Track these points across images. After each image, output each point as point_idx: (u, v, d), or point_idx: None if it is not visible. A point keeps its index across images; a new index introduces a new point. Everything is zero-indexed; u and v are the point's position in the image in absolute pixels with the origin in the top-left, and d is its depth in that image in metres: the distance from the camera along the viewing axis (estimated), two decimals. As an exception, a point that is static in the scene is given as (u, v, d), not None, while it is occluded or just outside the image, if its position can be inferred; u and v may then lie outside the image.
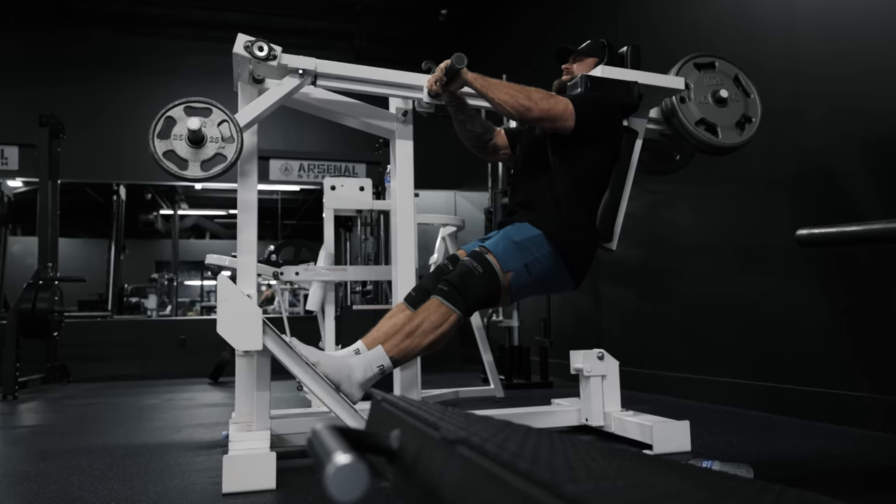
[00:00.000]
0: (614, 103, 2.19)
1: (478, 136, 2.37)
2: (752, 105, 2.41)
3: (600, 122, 2.12)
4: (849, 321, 2.56)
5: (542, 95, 2.06)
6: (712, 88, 2.37)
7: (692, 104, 2.34)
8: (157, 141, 1.82)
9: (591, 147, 2.12)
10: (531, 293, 2.15)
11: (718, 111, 2.36)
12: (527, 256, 1.99)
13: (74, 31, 6.91)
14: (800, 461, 2.00)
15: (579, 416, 2.48)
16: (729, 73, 2.43)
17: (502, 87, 2.08)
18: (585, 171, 2.11)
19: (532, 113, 2.02)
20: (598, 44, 2.39)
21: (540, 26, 5.53)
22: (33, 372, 4.85)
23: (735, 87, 2.41)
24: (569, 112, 2.05)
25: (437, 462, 0.51)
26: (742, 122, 2.39)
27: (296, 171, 6.21)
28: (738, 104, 2.39)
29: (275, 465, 1.76)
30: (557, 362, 4.37)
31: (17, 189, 6.87)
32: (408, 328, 1.86)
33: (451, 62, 2.04)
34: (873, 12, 2.47)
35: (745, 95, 2.41)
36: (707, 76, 2.39)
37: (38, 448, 2.46)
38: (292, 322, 3.59)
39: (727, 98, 2.36)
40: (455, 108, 2.25)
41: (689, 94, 2.35)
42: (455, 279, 1.91)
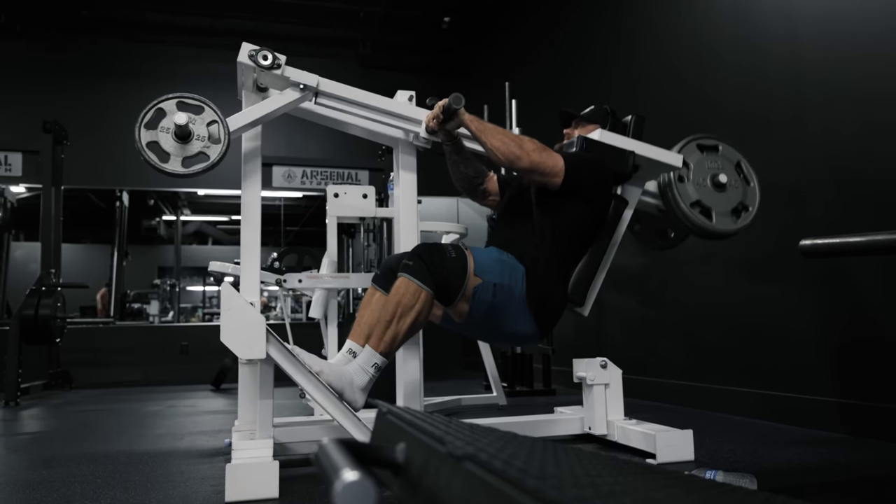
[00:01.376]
0: (607, 168, 2.16)
1: (469, 178, 2.33)
2: (751, 194, 2.37)
3: (589, 184, 2.09)
4: (851, 330, 2.55)
5: (535, 147, 2.02)
6: (712, 172, 2.35)
7: (690, 184, 2.32)
8: (143, 130, 1.83)
9: (576, 206, 2.08)
10: (487, 321, 1.98)
11: (715, 195, 2.33)
12: (501, 277, 1.95)
13: (78, 37, 6.95)
14: (803, 470, 1.99)
15: (582, 425, 2.48)
16: (731, 158, 2.40)
17: (497, 132, 2.04)
18: (566, 230, 2.08)
19: (521, 162, 1.99)
20: (602, 110, 2.37)
21: (542, 34, 5.55)
22: (35, 378, 4.85)
23: (736, 174, 2.38)
24: (558, 168, 2.02)
25: (444, 477, 0.51)
26: (738, 209, 2.35)
27: (299, 178, 6.22)
28: (737, 191, 2.36)
29: (278, 473, 1.76)
30: (560, 370, 4.36)
31: (20, 195, 6.89)
32: (385, 318, 1.84)
33: (448, 101, 2.03)
34: (873, 22, 2.48)
35: (745, 183, 2.38)
36: (709, 158, 2.37)
37: (40, 455, 2.46)
38: (294, 329, 3.59)
39: (726, 184, 2.33)
40: (451, 147, 2.23)
41: (689, 173, 2.32)
42: (422, 250, 1.88)
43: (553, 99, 5.15)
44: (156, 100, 1.86)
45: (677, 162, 2.26)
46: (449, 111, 2.05)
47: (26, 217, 6.74)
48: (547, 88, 5.25)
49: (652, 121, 3.85)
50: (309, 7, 6.71)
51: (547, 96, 5.22)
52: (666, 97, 3.72)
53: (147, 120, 1.84)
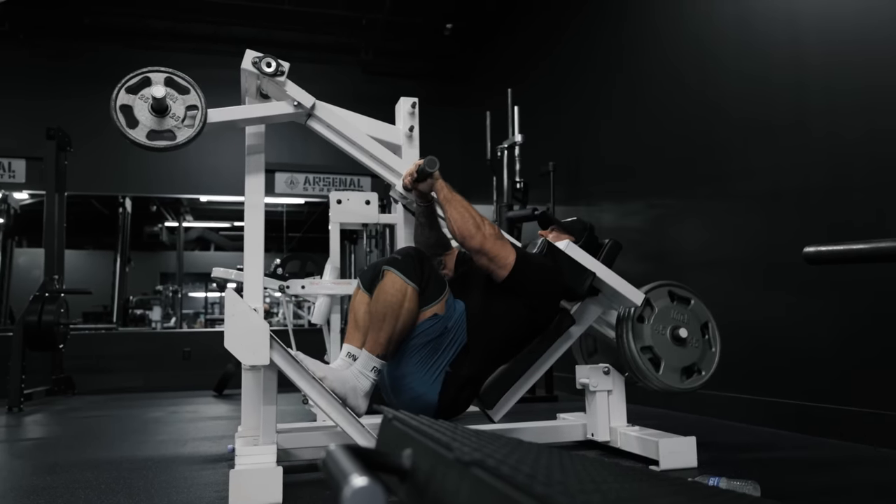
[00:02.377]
0: (558, 280, 2.09)
1: (430, 245, 2.26)
2: (709, 359, 2.25)
3: (532, 290, 2.03)
4: (856, 337, 2.55)
5: (494, 233, 1.98)
6: (675, 323, 2.23)
7: (647, 327, 2.20)
8: (122, 92, 1.84)
9: (514, 305, 2.01)
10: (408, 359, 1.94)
11: (671, 348, 2.21)
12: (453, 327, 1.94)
13: (81, 44, 6.98)
14: (807, 478, 1.99)
15: (585, 431, 2.47)
16: (701, 316, 2.29)
17: (461, 206, 2.00)
18: (500, 325, 2.01)
19: (473, 241, 1.94)
20: (581, 224, 2.34)
21: (544, 40, 5.57)
22: (39, 384, 4.86)
23: (699, 333, 2.26)
24: (507, 260, 1.96)
25: (451, 482, 0.51)
26: (691, 369, 2.22)
27: (301, 184, 6.24)
28: (695, 350, 2.23)
29: (281, 479, 1.76)
30: (562, 376, 4.35)
31: (23, 201, 6.91)
32: (376, 318, 1.85)
33: (423, 164, 2.01)
34: (877, 27, 2.49)
35: (707, 346, 2.26)
36: (677, 309, 2.26)
37: (44, 461, 2.46)
38: (296, 335, 3.59)
39: (686, 339, 2.21)
40: (422, 209, 2.18)
41: (651, 316, 2.21)
42: (412, 250, 1.90)
43: (555, 105, 5.16)
44: (147, 68, 1.87)
45: (637, 300, 2.16)
46: (423, 173, 2.03)
47: (30, 223, 6.77)
48: (549, 94, 5.26)
49: (655, 126, 3.87)
50: (311, 14, 6.73)
51: (549, 102, 5.23)
52: (669, 102, 3.73)
53: (131, 84, 1.85)
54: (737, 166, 3.18)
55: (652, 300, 2.24)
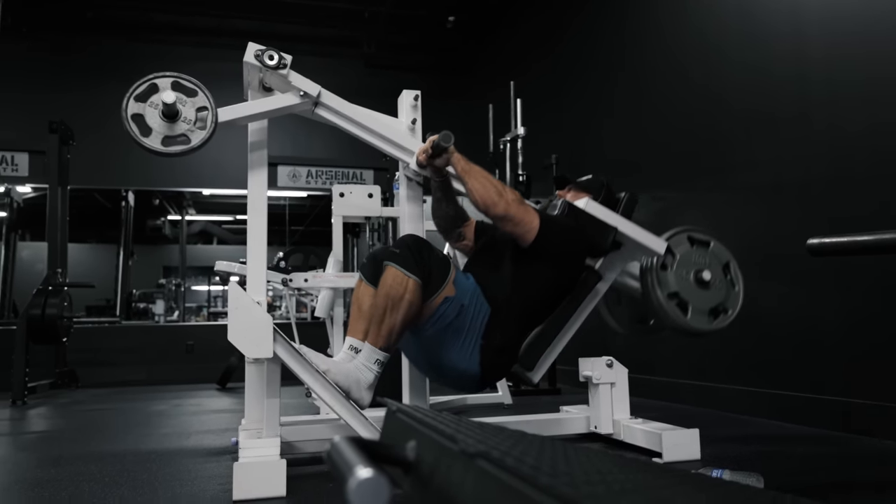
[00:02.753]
0: (582, 238, 2.10)
1: (450, 218, 2.28)
2: (734, 297, 2.29)
3: (560, 251, 2.04)
4: (860, 329, 2.55)
5: (515, 198, 1.99)
6: (697, 267, 2.26)
7: (672, 274, 2.23)
8: (132, 101, 1.83)
9: (543, 268, 2.02)
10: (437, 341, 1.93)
11: (696, 291, 2.24)
12: (470, 302, 1.93)
13: (84, 38, 6.97)
14: (810, 470, 1.99)
15: (588, 424, 2.48)
16: (721, 257, 2.31)
17: (481, 175, 2.02)
18: (530, 289, 2.02)
19: (497, 209, 1.95)
20: (598, 181, 2.34)
21: (547, 33, 5.55)
22: (42, 377, 4.88)
23: (722, 274, 2.29)
24: (533, 225, 1.97)
25: (456, 474, 0.51)
26: (718, 309, 2.26)
27: (304, 178, 6.23)
28: (720, 291, 2.27)
29: (285, 472, 1.77)
30: (565, 369, 4.36)
31: (26, 195, 6.92)
32: (378, 313, 1.84)
33: (438, 139, 2.02)
34: (879, 18, 2.47)
35: (730, 286, 2.30)
36: (697, 253, 2.29)
37: (48, 454, 2.47)
38: (299, 328, 3.60)
39: (709, 281, 2.24)
40: (438, 184, 2.20)
41: (673, 263, 2.24)
42: (409, 239, 1.89)
43: (558, 99, 5.14)
44: (153, 74, 1.86)
45: (660, 248, 2.16)
46: (438, 148, 2.03)
47: (33, 217, 6.78)
48: (552, 88, 5.24)
49: (658, 119, 3.86)
50: (314, 7, 6.72)
51: (551, 96, 5.21)
52: (672, 95, 3.72)
53: (139, 92, 1.84)
54: (739, 158, 3.17)
55: (672, 247, 2.26)
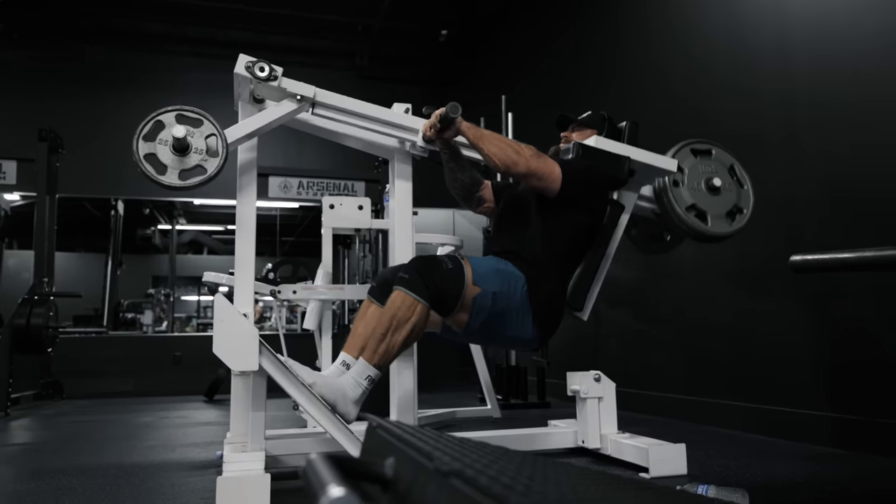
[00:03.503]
0: (603, 175, 2.19)
1: (466, 186, 2.36)
2: (745, 196, 2.40)
3: (585, 191, 2.12)
4: (845, 345, 2.56)
5: (533, 153, 2.05)
6: (706, 176, 2.37)
7: (685, 189, 2.34)
8: (141, 142, 1.83)
9: (573, 213, 2.10)
10: (488, 329, 1.99)
11: (710, 199, 2.36)
12: (500, 285, 1.95)
13: (76, 46, 6.96)
14: (795, 485, 1.99)
15: (576, 438, 2.47)
16: (725, 162, 2.42)
17: (494, 139, 2.07)
18: (563, 237, 2.10)
19: (518, 167, 2.01)
20: (598, 116, 2.40)
21: (537, 47, 5.59)
22: (26, 388, 4.82)
23: (729, 177, 2.40)
24: (555, 175, 2.04)
25: (430, 493, 0.51)
26: (733, 211, 2.37)
27: (295, 189, 6.23)
28: (731, 194, 2.38)
29: (269, 486, 1.75)
30: (555, 382, 4.35)
31: (14, 203, 6.86)
32: (380, 330, 1.84)
33: (445, 110, 2.05)
34: (866, 39, 2.51)
35: (739, 186, 2.40)
36: (703, 163, 2.39)
37: (29, 467, 2.44)
38: (289, 340, 3.58)
39: (720, 187, 2.35)
40: (448, 155, 2.25)
41: (683, 178, 2.34)
42: (418, 262, 1.89)
43: (548, 112, 5.16)
44: (155, 112, 1.86)
45: (672, 167, 2.29)
46: (446, 120, 2.07)
47: (20, 225, 6.72)
48: (542, 102, 5.28)
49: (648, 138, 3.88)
50: (307, 19, 6.75)
51: (542, 110, 5.23)
52: (661, 115, 3.75)
53: (146, 132, 1.84)
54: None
55: (680, 162, 2.34)
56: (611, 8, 4.44)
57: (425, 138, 2.18)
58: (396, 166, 2.31)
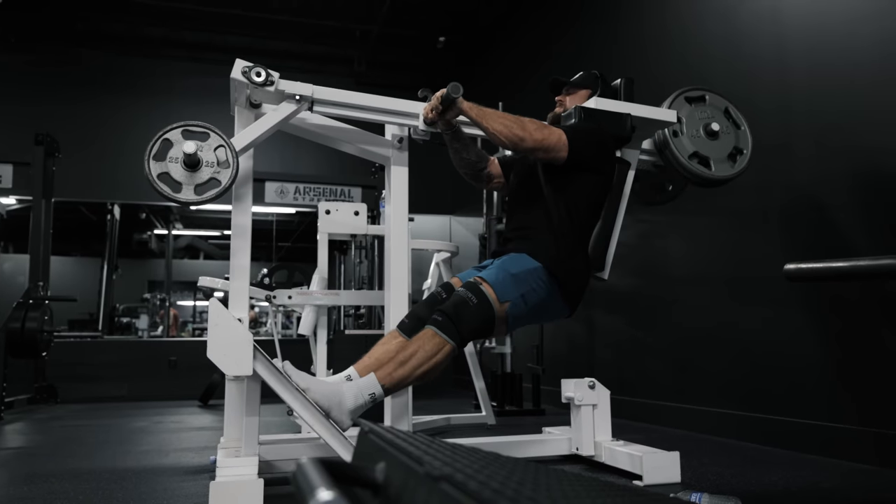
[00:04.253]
0: (607, 135, 2.22)
1: (472, 164, 2.39)
2: (743, 137, 2.45)
3: (593, 153, 2.15)
4: (838, 353, 2.57)
5: (536, 126, 2.08)
6: (704, 122, 2.41)
7: (685, 138, 2.38)
8: (152, 163, 1.83)
9: (584, 177, 2.15)
10: (528, 322, 2.13)
11: (710, 144, 2.40)
12: (523, 287, 1.99)
13: (73, 50, 6.96)
14: (789, 494, 1.99)
15: (570, 445, 2.47)
16: (719, 105, 2.47)
17: (497, 116, 2.09)
18: (578, 201, 2.14)
19: (525, 143, 2.05)
20: (591, 75, 2.43)
21: (536, 54, 5.61)
22: (20, 392, 4.79)
23: (726, 120, 2.45)
24: (562, 143, 2.07)
25: (420, 497, 0.51)
26: (734, 153, 2.43)
27: (291, 194, 6.23)
28: (730, 136, 2.43)
29: (262, 491, 1.75)
30: (550, 389, 4.35)
31: (10, 206, 6.85)
32: (401, 357, 1.86)
33: (447, 91, 2.06)
34: (863, 49, 2.52)
35: (736, 127, 2.45)
36: (698, 110, 2.43)
37: (22, 471, 2.43)
38: (284, 345, 3.57)
39: (718, 131, 2.40)
40: (451, 136, 2.27)
41: (682, 127, 2.39)
42: (449, 309, 1.91)
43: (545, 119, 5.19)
44: (161, 131, 1.86)
45: (672, 118, 2.32)
46: (448, 101, 2.08)
47: (16, 229, 6.71)
48: (540, 108, 5.28)
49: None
50: (305, 25, 6.76)
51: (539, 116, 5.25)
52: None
53: (155, 152, 1.83)
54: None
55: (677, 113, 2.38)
56: (609, 16, 4.46)
57: (427, 121, 2.19)
58: (393, 172, 2.32)
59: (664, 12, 3.81)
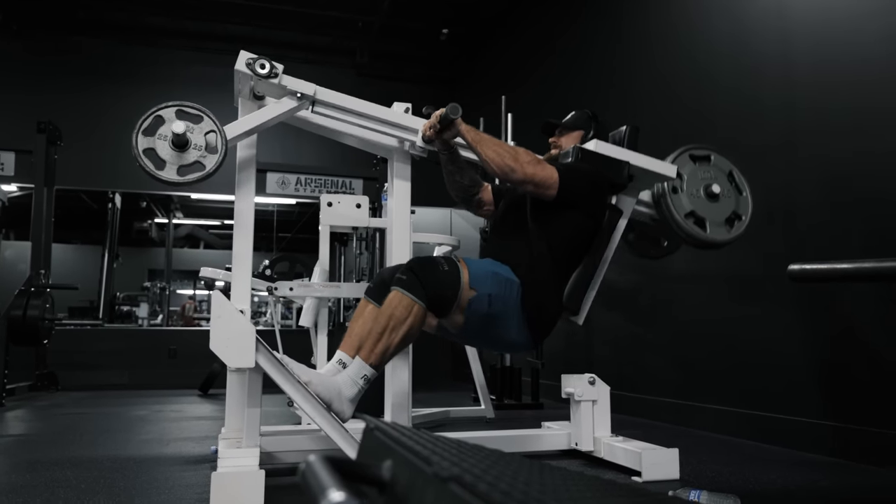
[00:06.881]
0: (602, 178, 2.17)
1: (465, 188, 2.35)
2: (744, 203, 2.39)
3: (584, 195, 2.10)
4: (839, 353, 2.57)
5: (530, 159, 2.04)
6: (705, 182, 2.36)
7: (684, 195, 2.33)
8: (140, 136, 1.83)
9: (571, 217, 2.09)
10: (482, 331, 2.01)
11: (709, 205, 2.34)
12: (496, 288, 1.95)
13: (75, 39, 6.94)
14: (786, 492, 2.00)
15: (569, 441, 2.48)
16: (724, 168, 2.41)
17: (492, 143, 2.06)
18: (561, 240, 2.09)
19: (515, 174, 2.00)
20: (584, 115, 2.40)
21: (539, 47, 5.59)
22: (21, 379, 4.81)
23: (728, 183, 2.39)
24: (553, 180, 2.02)
25: (429, 498, 0.51)
26: (732, 218, 2.36)
27: (293, 185, 6.22)
28: (730, 200, 2.37)
29: (263, 483, 1.75)
30: (548, 384, 4.36)
31: (11, 194, 6.84)
32: (377, 330, 1.84)
33: (445, 111, 2.05)
34: (869, 45, 2.51)
35: (738, 192, 2.39)
36: (702, 169, 2.37)
37: (23, 458, 2.44)
38: (284, 336, 3.58)
39: (719, 193, 2.34)
40: (447, 157, 2.24)
41: (682, 184, 2.33)
42: (415, 265, 1.89)
43: (548, 114, 5.17)
44: (155, 107, 1.86)
45: (671, 173, 2.28)
46: (446, 121, 2.07)
47: (17, 216, 6.70)
48: (543, 103, 5.28)
49: (647, 141, 3.89)
50: (308, 15, 6.73)
51: (542, 111, 5.24)
52: (661, 117, 3.76)
53: (145, 126, 1.83)
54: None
55: (679, 169, 2.34)
56: (613, 9, 4.44)
57: (425, 138, 2.18)
58: (395, 165, 2.32)
59: (669, 8, 3.79)
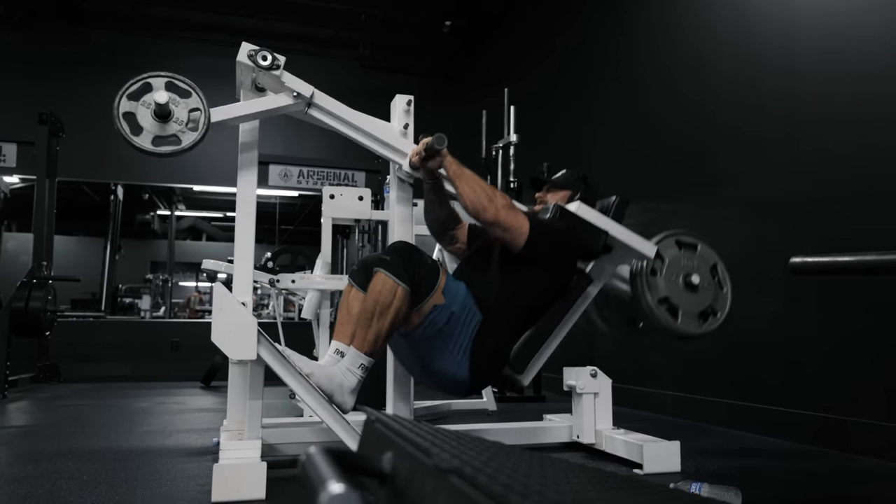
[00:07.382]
0: (575, 241, 2.11)
1: (442, 221, 2.30)
2: (722, 300, 2.32)
3: (550, 252, 2.05)
4: (840, 347, 2.57)
5: (506, 203, 1.99)
6: (686, 270, 2.29)
7: (661, 279, 2.26)
8: (124, 98, 1.82)
9: (535, 273, 2.04)
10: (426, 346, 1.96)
11: (685, 295, 2.27)
12: (460, 310, 1.94)
13: (77, 30, 6.92)
14: (787, 484, 2.00)
15: (571, 433, 2.48)
16: (709, 259, 2.34)
17: (472, 180, 2.02)
18: (525, 297, 2.04)
19: (486, 214, 1.96)
20: (574, 175, 2.36)
21: (542, 40, 5.57)
22: (24, 371, 4.83)
23: (710, 276, 2.32)
24: (522, 230, 1.98)
25: (428, 490, 0.51)
26: (707, 312, 2.30)
27: (295, 177, 6.22)
28: (708, 293, 2.30)
29: (265, 474, 1.76)
30: (550, 376, 4.36)
31: (13, 185, 6.84)
32: (365, 316, 1.84)
33: (431, 141, 2.02)
34: (873, 38, 2.50)
35: (718, 287, 2.33)
36: (686, 256, 2.31)
37: (26, 450, 2.45)
38: (286, 328, 3.59)
39: (698, 285, 2.27)
40: (430, 185, 2.19)
41: (662, 267, 2.27)
42: (400, 246, 1.89)
43: (550, 107, 5.16)
44: (147, 73, 1.85)
45: (650, 252, 2.19)
46: (431, 150, 2.03)
47: (19, 208, 6.71)
48: (545, 96, 5.26)
49: (649, 132, 3.88)
50: (310, 7, 6.71)
51: (545, 103, 5.23)
52: (663, 109, 3.74)
53: (132, 91, 1.83)
54: (728, 174, 3.19)
55: (661, 251, 2.27)
56: (616, 1, 4.42)
57: (411, 164, 2.14)
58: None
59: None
